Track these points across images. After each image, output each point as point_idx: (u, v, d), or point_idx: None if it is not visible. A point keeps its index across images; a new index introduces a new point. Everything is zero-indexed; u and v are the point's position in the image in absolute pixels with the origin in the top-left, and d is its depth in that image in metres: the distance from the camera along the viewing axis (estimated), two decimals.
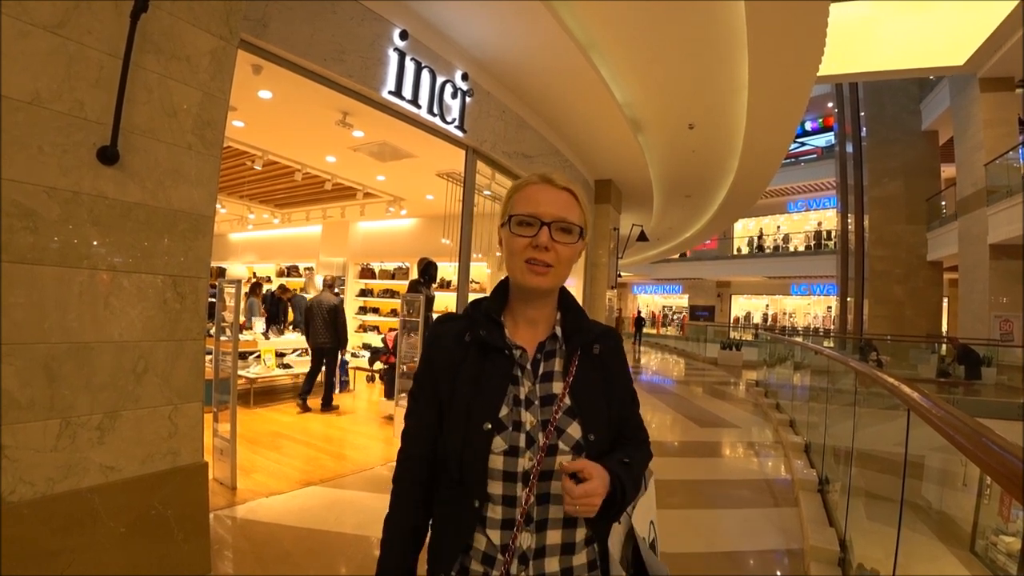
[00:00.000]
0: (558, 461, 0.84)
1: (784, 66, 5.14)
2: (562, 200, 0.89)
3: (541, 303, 0.94)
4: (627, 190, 9.44)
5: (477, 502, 0.85)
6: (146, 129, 2.10)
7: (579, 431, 0.87)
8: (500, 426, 0.85)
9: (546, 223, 0.86)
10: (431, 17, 4.23)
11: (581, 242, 0.91)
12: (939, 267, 14.18)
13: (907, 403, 1.66)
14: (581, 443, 0.87)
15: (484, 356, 0.90)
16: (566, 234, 0.88)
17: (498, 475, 0.84)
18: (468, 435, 0.85)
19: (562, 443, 0.86)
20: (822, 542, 2.91)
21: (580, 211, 0.91)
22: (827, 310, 23.79)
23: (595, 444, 0.88)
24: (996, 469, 0.86)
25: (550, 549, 0.85)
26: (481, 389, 0.88)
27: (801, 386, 6.40)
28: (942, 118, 13.43)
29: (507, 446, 0.84)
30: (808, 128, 24.69)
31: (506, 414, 0.86)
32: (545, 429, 0.86)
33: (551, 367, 0.92)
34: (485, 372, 0.89)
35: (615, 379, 0.96)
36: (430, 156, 5.72)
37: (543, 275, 0.87)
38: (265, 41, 3.04)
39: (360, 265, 10.47)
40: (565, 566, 0.86)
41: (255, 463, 4.09)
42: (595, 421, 0.89)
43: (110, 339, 2.01)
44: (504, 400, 0.87)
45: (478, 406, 0.86)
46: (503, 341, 0.90)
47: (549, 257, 0.87)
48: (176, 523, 2.21)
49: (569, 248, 0.88)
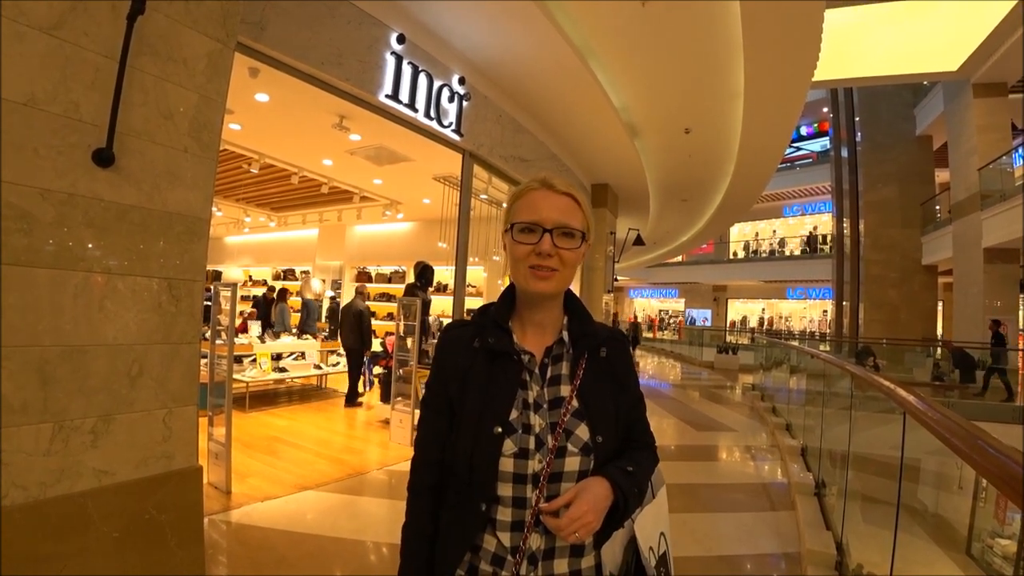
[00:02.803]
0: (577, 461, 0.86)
1: (780, 71, 5.18)
2: (563, 205, 0.90)
3: (547, 307, 0.95)
4: (624, 194, 9.46)
5: (484, 505, 0.86)
6: (142, 131, 2.09)
7: (587, 433, 0.88)
8: (510, 429, 0.86)
9: (548, 229, 0.87)
10: (429, 21, 4.24)
11: (584, 245, 0.92)
12: (934, 271, 14.26)
13: (903, 406, 1.66)
14: (589, 445, 0.88)
15: (493, 361, 0.91)
16: (568, 239, 0.89)
17: (508, 477, 0.85)
18: (478, 438, 0.86)
19: (571, 445, 0.87)
20: (819, 545, 2.91)
21: (582, 215, 0.92)
22: (823, 314, 23.85)
23: (603, 446, 0.88)
24: (992, 472, 0.86)
25: (559, 551, 0.86)
26: (491, 394, 0.89)
27: (797, 390, 6.42)
28: (936, 123, 13.55)
29: (517, 448, 0.85)
30: (803, 133, 24.83)
31: (516, 417, 0.87)
32: (554, 431, 0.87)
33: (559, 370, 0.93)
34: (494, 377, 0.90)
35: (622, 382, 0.97)
36: (427, 160, 5.73)
37: (547, 280, 0.88)
38: (262, 44, 3.04)
39: (357, 269, 10.46)
40: (574, 568, 0.87)
41: (250, 467, 4.07)
42: (603, 423, 0.90)
43: (104, 342, 1.99)
44: (514, 404, 0.88)
45: (488, 410, 0.87)
46: (511, 346, 0.91)
47: (553, 262, 0.88)
48: (170, 528, 2.19)
49: (572, 253, 0.89)
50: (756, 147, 7.35)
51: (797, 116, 6.54)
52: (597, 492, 0.83)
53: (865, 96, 15.40)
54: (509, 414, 0.87)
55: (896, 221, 14.53)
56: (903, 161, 14.64)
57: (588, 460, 0.87)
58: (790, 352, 7.41)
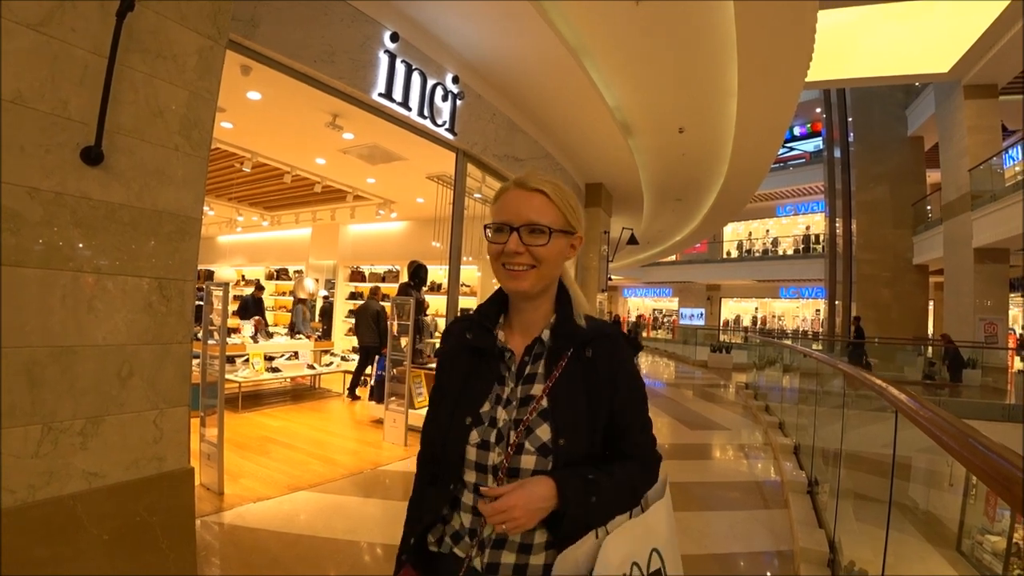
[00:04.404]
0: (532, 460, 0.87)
1: (773, 71, 5.20)
2: (532, 202, 0.91)
3: (532, 305, 0.96)
4: (618, 193, 9.48)
5: (452, 485, 0.92)
6: (131, 129, 2.07)
7: (548, 434, 0.88)
8: (478, 421, 0.91)
9: (515, 228, 0.89)
10: (422, 19, 4.23)
11: (561, 240, 0.92)
12: (925, 271, 14.39)
13: (895, 405, 1.67)
14: (548, 446, 0.87)
15: (478, 356, 0.96)
16: (538, 235, 0.89)
17: (472, 465, 0.90)
18: (451, 425, 0.92)
19: (528, 443, 0.88)
20: (812, 543, 2.92)
21: (554, 210, 0.92)
22: (815, 313, 24.02)
23: (565, 449, 0.87)
24: (983, 470, 0.86)
25: (510, 544, 0.88)
26: (469, 385, 0.95)
27: (790, 388, 6.45)
28: (927, 124, 13.66)
29: (480, 440, 0.90)
30: (796, 133, 24.97)
31: (486, 410, 0.92)
32: (517, 428, 0.89)
33: (536, 369, 0.94)
34: (475, 370, 0.96)
35: (606, 385, 0.92)
36: (420, 159, 5.71)
37: (521, 279, 0.91)
38: (254, 41, 3.02)
39: (350, 268, 10.42)
40: (521, 562, 0.87)
41: (243, 468, 4.04)
42: (568, 426, 0.88)
43: (94, 343, 1.97)
44: (487, 398, 0.93)
45: (464, 400, 0.94)
46: (490, 344, 0.95)
47: (523, 260, 0.90)
48: (162, 530, 2.17)
49: (543, 249, 0.90)
50: (749, 147, 7.38)
51: (790, 116, 6.58)
52: (534, 491, 0.82)
53: (857, 97, 15.51)
54: (481, 407, 0.92)
55: (888, 221, 14.63)
56: (895, 161, 14.75)
57: (545, 461, 0.86)
58: (783, 351, 7.45)
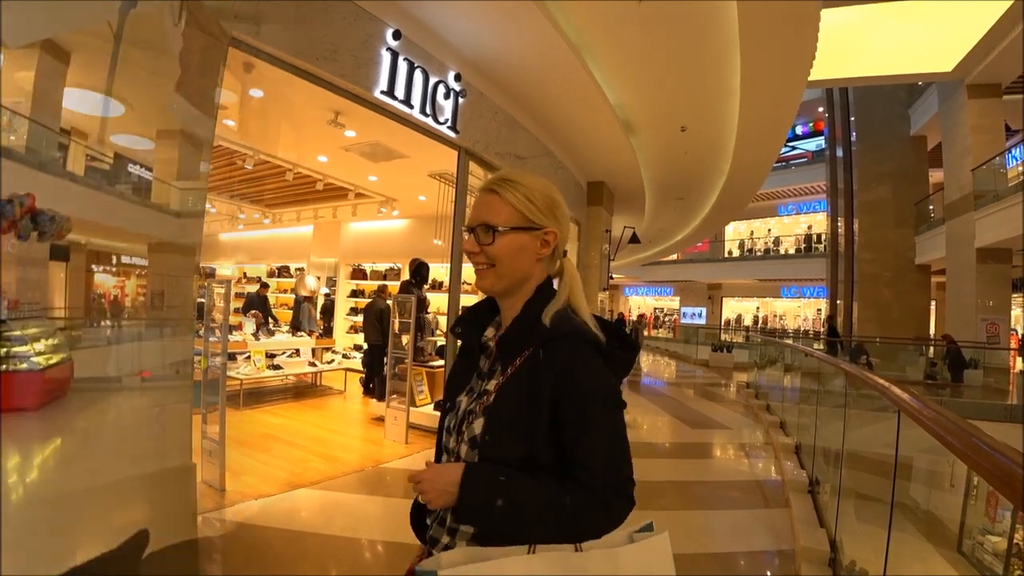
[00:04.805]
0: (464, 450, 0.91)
1: (776, 70, 5.18)
2: (484, 202, 0.95)
3: (508, 303, 0.99)
4: (619, 192, 9.46)
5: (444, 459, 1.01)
6: None
7: (480, 428, 0.90)
8: (451, 407, 1.00)
9: (471, 228, 0.95)
10: (424, 17, 4.22)
11: (518, 236, 0.93)
12: (927, 271, 14.34)
13: (898, 404, 1.67)
14: (477, 440, 0.90)
15: (465, 350, 1.06)
16: (488, 233, 0.92)
17: (443, 446, 1.00)
18: (442, 407, 1.04)
19: (466, 433, 0.93)
20: (813, 543, 2.92)
21: (508, 208, 0.93)
22: (817, 312, 23.96)
23: (489, 445, 0.88)
24: (987, 469, 0.86)
25: (445, 523, 0.92)
26: (455, 374, 1.05)
27: (791, 388, 6.44)
28: (930, 124, 13.59)
29: (447, 425, 1.00)
30: (799, 132, 24.90)
31: (460, 399, 0.99)
32: (467, 419, 0.94)
33: (496, 365, 0.97)
34: (462, 362, 1.05)
35: (551, 391, 0.85)
36: (422, 156, 5.70)
37: (481, 277, 0.96)
38: (256, 39, 3.01)
39: (352, 266, 10.40)
40: (448, 543, 0.90)
41: (244, 465, 4.04)
42: (498, 423, 0.88)
43: None
44: (466, 388, 1.00)
45: (451, 387, 1.03)
46: (471, 339, 1.03)
47: (480, 259, 0.94)
48: (163, 526, 2.18)
49: (491, 247, 0.92)
50: (752, 146, 7.36)
51: (793, 115, 6.56)
52: (446, 473, 0.86)
53: (860, 96, 15.44)
54: (459, 395, 1.00)
55: (890, 221, 14.58)
56: (897, 161, 14.69)
57: (473, 453, 0.90)
58: (784, 350, 7.44)
